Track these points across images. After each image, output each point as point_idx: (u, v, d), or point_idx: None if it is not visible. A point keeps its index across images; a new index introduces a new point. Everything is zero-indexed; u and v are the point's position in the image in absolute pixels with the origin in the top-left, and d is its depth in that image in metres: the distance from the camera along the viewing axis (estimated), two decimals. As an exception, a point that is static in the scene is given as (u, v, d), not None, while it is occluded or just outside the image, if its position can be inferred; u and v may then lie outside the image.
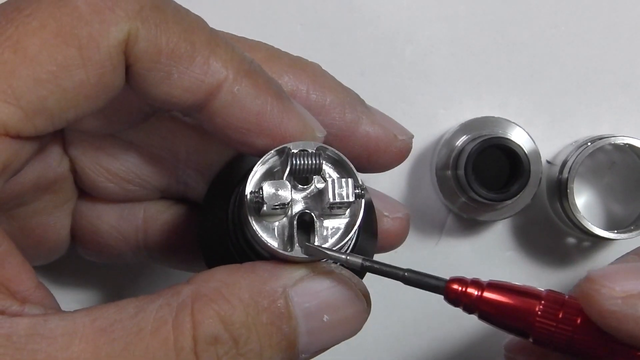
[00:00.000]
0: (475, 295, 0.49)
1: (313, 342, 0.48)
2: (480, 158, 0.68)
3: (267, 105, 0.50)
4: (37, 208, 0.57)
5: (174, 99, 0.49)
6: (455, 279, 0.49)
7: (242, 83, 0.49)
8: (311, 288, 0.48)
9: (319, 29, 0.72)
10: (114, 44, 0.46)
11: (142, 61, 0.47)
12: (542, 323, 0.48)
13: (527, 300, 0.49)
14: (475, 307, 0.49)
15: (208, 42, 0.48)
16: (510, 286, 0.49)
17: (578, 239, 0.73)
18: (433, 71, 0.73)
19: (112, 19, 0.46)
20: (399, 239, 0.60)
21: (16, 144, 0.46)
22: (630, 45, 0.72)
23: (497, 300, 0.49)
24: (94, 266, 0.65)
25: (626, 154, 0.72)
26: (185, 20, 0.48)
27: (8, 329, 0.44)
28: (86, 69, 0.46)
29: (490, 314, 0.49)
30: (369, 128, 0.55)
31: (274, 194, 0.48)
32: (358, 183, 0.49)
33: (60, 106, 0.46)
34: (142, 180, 0.57)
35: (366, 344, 0.51)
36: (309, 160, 0.49)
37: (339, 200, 0.48)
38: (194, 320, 0.45)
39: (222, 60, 0.48)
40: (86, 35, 0.46)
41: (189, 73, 0.48)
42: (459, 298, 0.49)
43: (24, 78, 0.45)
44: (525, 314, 0.48)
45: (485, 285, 0.49)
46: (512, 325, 0.49)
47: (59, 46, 0.45)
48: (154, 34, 0.47)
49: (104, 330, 0.44)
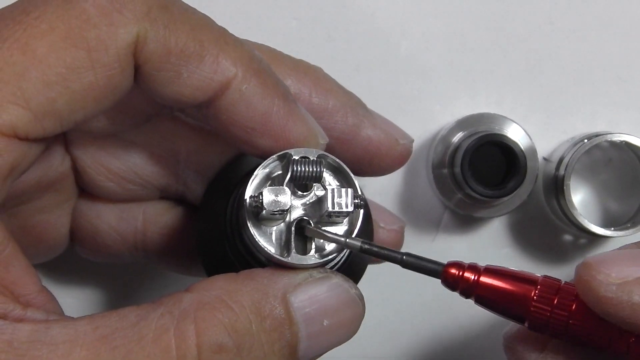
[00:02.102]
0: (472, 279, 0.49)
1: (313, 347, 0.48)
2: (477, 155, 0.68)
3: (274, 107, 0.50)
4: (38, 206, 0.57)
5: (184, 98, 0.49)
6: (452, 263, 0.50)
7: (251, 82, 0.49)
8: (310, 293, 0.48)
9: (313, 24, 0.72)
10: (123, 46, 0.46)
11: (152, 62, 0.47)
12: (537, 308, 0.49)
13: (523, 285, 0.49)
14: (471, 291, 0.50)
15: (217, 40, 0.49)
16: (507, 271, 0.50)
17: (574, 236, 0.73)
18: (428, 67, 0.72)
19: (120, 21, 0.46)
20: None
21: (24, 146, 0.46)
22: (627, 41, 0.72)
23: (493, 285, 0.49)
24: (90, 264, 0.65)
25: (623, 151, 0.72)
26: (192, 19, 0.49)
27: (10, 335, 0.44)
28: (95, 71, 0.46)
29: (487, 298, 0.50)
30: (371, 132, 0.56)
31: (273, 200, 0.48)
32: (357, 193, 0.49)
33: (69, 108, 0.46)
34: (142, 180, 0.57)
35: (360, 338, 0.51)
36: (310, 167, 0.49)
37: (338, 209, 0.49)
38: (198, 328, 0.45)
39: (231, 58, 0.49)
40: (94, 38, 0.46)
41: (198, 72, 0.48)
42: (456, 282, 0.50)
43: (33, 80, 0.45)
44: (520, 299, 0.49)
45: (482, 269, 0.50)
46: (508, 310, 0.50)
47: (67, 49, 0.46)
48: (162, 34, 0.47)
49: (105, 338, 0.44)
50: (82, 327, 0.45)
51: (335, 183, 0.51)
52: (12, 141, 0.46)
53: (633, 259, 0.47)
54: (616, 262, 0.47)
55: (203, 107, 0.50)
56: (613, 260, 0.47)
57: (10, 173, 0.46)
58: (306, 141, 0.51)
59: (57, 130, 0.47)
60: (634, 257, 0.48)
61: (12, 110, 0.45)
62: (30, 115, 0.45)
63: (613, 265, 0.47)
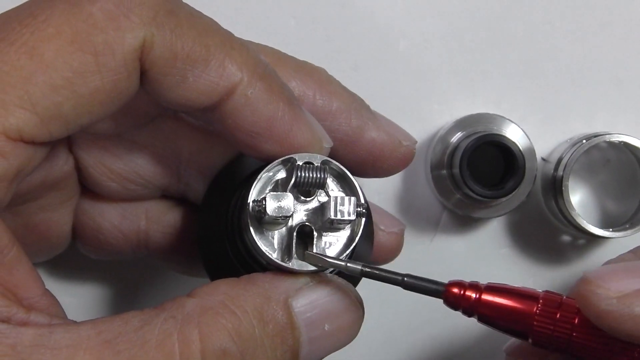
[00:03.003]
0: (473, 298, 0.49)
1: (314, 351, 0.49)
2: (475, 155, 0.68)
3: (279, 111, 0.50)
4: (41, 205, 0.57)
5: (189, 102, 0.49)
6: (454, 282, 0.50)
7: (256, 86, 0.49)
8: (311, 297, 0.49)
9: (312, 23, 0.72)
10: (130, 50, 0.46)
11: (158, 66, 0.47)
12: (540, 324, 0.49)
13: (524, 302, 0.49)
14: (474, 310, 0.50)
15: (223, 44, 0.49)
16: (508, 288, 0.50)
17: (573, 236, 0.73)
18: (427, 66, 0.72)
19: (127, 25, 0.46)
20: (393, 254, 0.61)
21: (30, 149, 0.47)
22: (625, 41, 0.72)
23: (495, 303, 0.49)
24: (88, 262, 0.65)
25: (621, 151, 0.72)
26: (199, 23, 0.49)
27: (13, 339, 0.44)
28: (101, 76, 0.46)
29: (489, 316, 0.50)
30: (375, 134, 0.56)
31: (276, 206, 0.48)
32: (360, 202, 0.49)
33: (76, 112, 0.46)
34: (144, 180, 0.57)
35: (359, 344, 0.51)
36: (314, 174, 0.49)
37: (340, 217, 0.49)
38: (201, 333, 0.45)
39: (237, 62, 0.49)
40: (101, 42, 0.46)
41: (204, 76, 0.48)
42: (458, 302, 0.49)
43: (40, 84, 0.45)
44: (523, 315, 0.49)
45: (484, 287, 0.50)
46: (511, 327, 0.50)
47: (74, 53, 0.46)
48: (169, 39, 0.47)
49: (108, 343, 0.44)
50: (85, 331, 0.45)
51: (338, 188, 0.51)
52: (18, 145, 0.46)
53: (630, 271, 0.48)
54: (614, 275, 0.47)
55: (208, 111, 0.50)
56: (611, 274, 0.48)
57: (16, 176, 0.47)
58: (310, 146, 0.51)
59: (63, 134, 0.47)
60: (631, 269, 0.48)
61: (19, 114, 0.45)
62: (36, 119, 0.45)
63: (611, 279, 0.47)
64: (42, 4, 0.46)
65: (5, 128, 0.45)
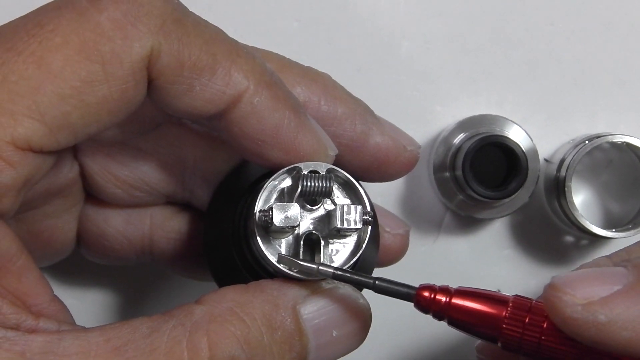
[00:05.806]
0: (443, 301, 0.49)
1: (321, 358, 0.49)
2: (478, 156, 0.68)
3: (285, 119, 0.50)
4: (46, 211, 0.57)
5: (196, 110, 0.49)
6: (424, 286, 0.50)
7: (262, 95, 0.49)
8: (319, 304, 0.49)
9: (315, 26, 0.72)
10: (137, 59, 0.46)
11: (165, 75, 0.47)
12: (509, 328, 0.49)
13: (494, 305, 0.49)
14: (444, 313, 0.50)
15: (229, 53, 0.49)
16: (478, 292, 0.50)
17: (576, 237, 0.73)
18: (429, 68, 0.72)
19: (135, 34, 0.46)
20: (399, 255, 0.61)
21: (38, 158, 0.47)
22: (628, 42, 0.72)
23: (464, 307, 0.49)
24: (91, 266, 0.65)
25: (624, 152, 0.72)
26: (205, 32, 0.49)
27: (23, 346, 0.44)
28: (109, 85, 0.46)
29: (459, 319, 0.50)
30: (379, 139, 0.56)
31: (283, 217, 0.48)
32: (366, 210, 0.50)
33: (83, 121, 0.47)
34: (149, 186, 0.57)
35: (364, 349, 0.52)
36: (320, 183, 0.49)
37: (347, 226, 0.49)
38: (210, 341, 0.45)
39: (244, 71, 0.49)
40: (109, 51, 0.46)
41: (210, 85, 0.48)
42: (429, 305, 0.50)
43: (48, 94, 0.45)
44: (492, 319, 0.49)
45: (454, 291, 0.50)
46: (481, 331, 0.50)
47: (82, 62, 0.46)
48: (176, 48, 0.47)
49: (117, 350, 0.45)
50: (94, 338, 0.45)
51: (344, 196, 0.51)
52: (26, 154, 0.46)
53: (598, 278, 0.47)
54: (581, 282, 0.47)
55: (214, 119, 0.50)
56: (578, 280, 0.47)
57: (24, 185, 0.47)
58: (316, 153, 0.51)
59: (70, 142, 0.47)
60: (599, 276, 0.48)
61: (27, 124, 0.45)
62: (45, 129, 0.45)
63: (578, 285, 0.47)
64: (49, 13, 0.46)
65: (13, 138, 0.45)
